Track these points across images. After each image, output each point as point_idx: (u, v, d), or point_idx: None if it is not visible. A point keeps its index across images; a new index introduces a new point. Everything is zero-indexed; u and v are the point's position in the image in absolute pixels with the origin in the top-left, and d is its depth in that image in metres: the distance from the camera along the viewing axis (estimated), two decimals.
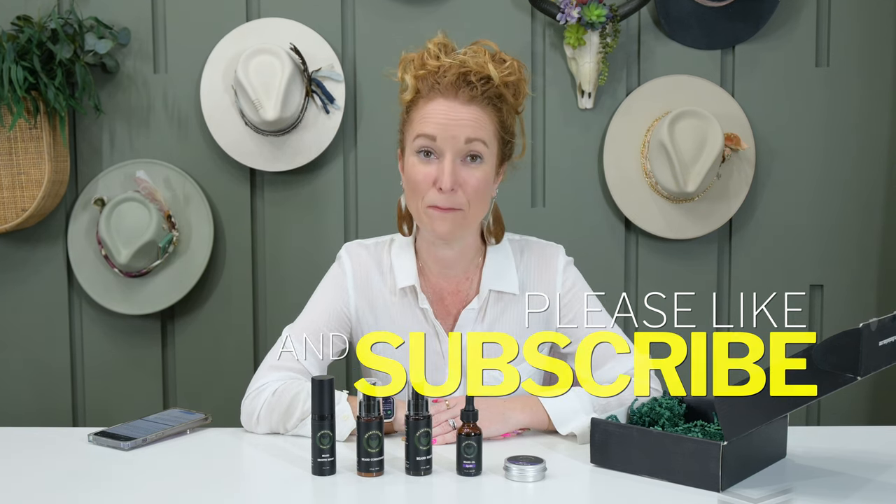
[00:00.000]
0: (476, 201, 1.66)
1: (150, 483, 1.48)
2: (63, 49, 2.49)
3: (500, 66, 1.65)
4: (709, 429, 1.53)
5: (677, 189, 2.56)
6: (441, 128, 1.62)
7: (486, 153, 1.65)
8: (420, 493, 1.43)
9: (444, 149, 1.63)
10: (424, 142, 1.64)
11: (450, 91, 1.63)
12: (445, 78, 1.62)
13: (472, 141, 1.63)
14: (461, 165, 1.64)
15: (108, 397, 2.76)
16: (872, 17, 2.66)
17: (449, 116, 1.62)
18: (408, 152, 1.68)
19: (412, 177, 1.66)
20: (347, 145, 2.70)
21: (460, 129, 1.62)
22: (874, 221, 2.72)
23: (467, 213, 1.66)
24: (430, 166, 1.64)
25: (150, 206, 2.59)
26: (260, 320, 2.75)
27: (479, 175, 1.65)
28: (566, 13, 2.54)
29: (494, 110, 1.65)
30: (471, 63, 1.63)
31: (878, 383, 2.75)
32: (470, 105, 1.63)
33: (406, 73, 1.67)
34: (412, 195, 1.68)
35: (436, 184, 1.63)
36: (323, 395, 1.47)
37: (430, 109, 1.64)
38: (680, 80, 2.66)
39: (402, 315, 1.76)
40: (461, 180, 1.63)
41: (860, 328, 1.27)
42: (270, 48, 2.54)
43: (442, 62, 1.63)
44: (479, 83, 1.62)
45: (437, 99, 1.64)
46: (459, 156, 1.64)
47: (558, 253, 1.81)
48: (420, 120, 1.65)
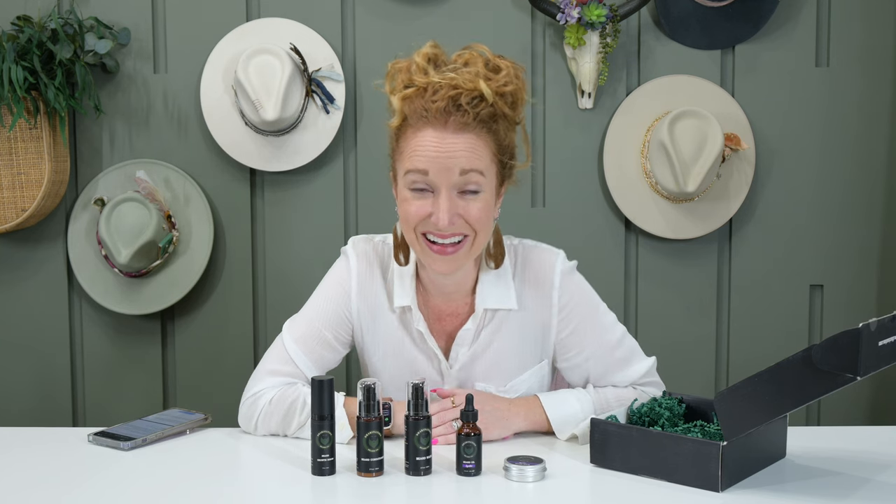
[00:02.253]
0: (480, 229, 1.57)
1: (150, 483, 1.48)
2: (63, 49, 2.49)
3: (495, 78, 1.53)
4: (709, 429, 1.53)
5: (677, 189, 2.55)
6: (433, 162, 1.51)
7: (483, 182, 1.55)
8: (420, 493, 1.43)
9: (438, 183, 1.53)
10: (416, 177, 1.53)
11: (439, 120, 1.51)
12: (434, 104, 1.50)
13: (468, 172, 1.52)
14: (458, 198, 1.54)
15: (108, 397, 2.76)
16: (872, 17, 2.66)
17: (440, 149, 1.51)
18: (400, 185, 1.59)
19: (406, 211, 1.57)
20: (347, 145, 2.70)
21: (454, 161, 1.51)
22: (874, 221, 2.72)
23: (473, 240, 1.58)
24: (425, 201, 1.55)
25: (150, 206, 2.59)
26: (260, 320, 2.75)
27: (479, 206, 1.55)
28: (566, 13, 2.54)
29: (489, 133, 1.54)
30: (460, 82, 1.50)
31: (878, 383, 2.75)
32: (462, 133, 1.51)
33: (393, 92, 1.57)
34: (407, 228, 1.59)
35: (432, 219, 1.54)
36: (323, 396, 1.47)
37: (419, 142, 1.53)
38: (680, 80, 2.66)
39: (399, 329, 1.73)
40: (460, 212, 1.54)
41: (860, 328, 1.27)
42: (270, 48, 2.54)
43: (430, 80, 1.52)
44: (470, 106, 1.50)
45: (425, 129, 1.52)
46: (455, 189, 1.54)
47: (556, 262, 1.71)
48: (410, 153, 1.54)
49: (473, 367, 1.71)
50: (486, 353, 1.71)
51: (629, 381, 1.75)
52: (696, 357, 2.75)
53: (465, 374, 1.71)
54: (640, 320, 2.75)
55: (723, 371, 2.77)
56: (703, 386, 2.73)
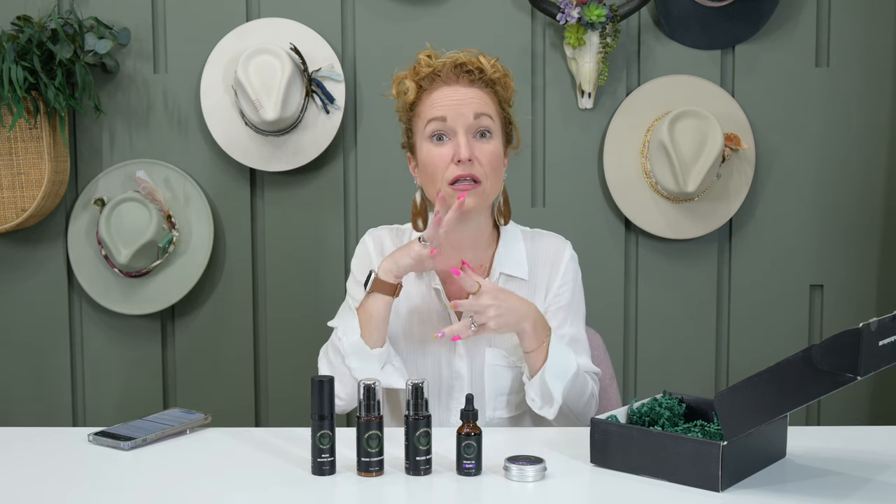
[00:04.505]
0: (492, 174, 1.74)
1: (150, 483, 1.48)
2: (63, 49, 2.49)
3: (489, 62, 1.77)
4: (709, 429, 1.53)
5: (677, 189, 2.55)
6: (449, 108, 1.72)
7: (493, 127, 1.75)
8: (420, 493, 1.43)
9: (455, 127, 1.72)
10: (436, 125, 1.73)
11: (451, 77, 1.74)
12: (444, 67, 1.75)
13: (481, 115, 1.73)
14: (474, 141, 1.73)
15: (108, 397, 2.76)
16: (872, 17, 2.66)
17: (455, 98, 1.73)
18: (420, 142, 1.77)
19: (429, 161, 1.74)
20: (347, 145, 2.70)
21: (468, 107, 1.72)
22: (874, 221, 2.72)
23: (485, 186, 1.73)
24: (445, 147, 1.73)
25: (150, 206, 2.59)
26: (260, 320, 2.75)
27: (492, 149, 1.74)
28: (566, 13, 2.54)
29: (493, 92, 1.77)
30: (463, 57, 1.76)
31: (878, 383, 2.75)
32: (472, 87, 1.74)
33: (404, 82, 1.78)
34: (431, 180, 1.75)
35: (453, 159, 1.71)
36: (323, 395, 1.47)
37: (436, 96, 1.75)
38: (680, 80, 2.66)
39: (416, 290, 1.82)
40: (476, 153, 1.72)
41: (860, 328, 1.27)
42: (270, 48, 2.54)
43: (436, 63, 1.76)
44: (476, 71, 1.75)
45: (440, 87, 1.75)
46: (471, 131, 1.73)
47: (566, 246, 1.87)
48: (429, 107, 1.74)
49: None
50: None
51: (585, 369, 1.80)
52: (696, 357, 2.75)
53: (475, 338, 1.78)
54: (640, 320, 2.75)
55: (723, 371, 2.77)
56: (703, 386, 2.73)
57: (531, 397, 1.73)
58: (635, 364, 2.76)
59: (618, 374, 2.70)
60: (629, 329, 2.76)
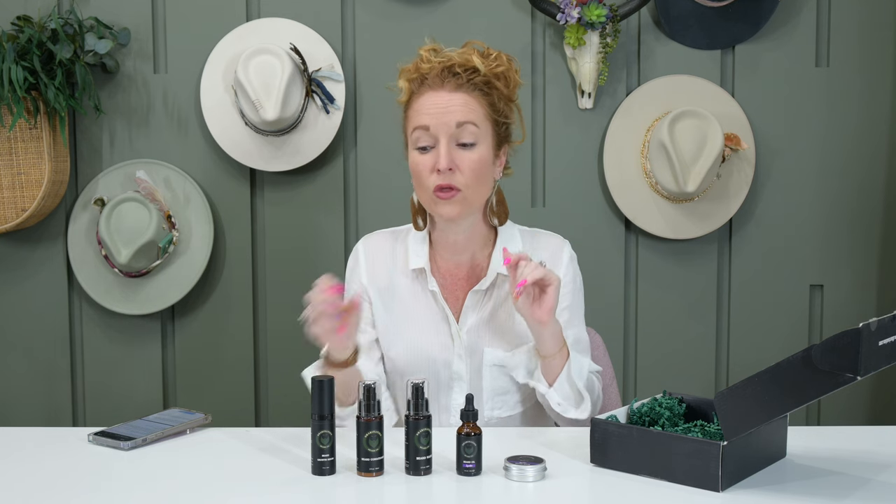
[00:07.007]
0: (474, 182, 1.72)
1: (150, 483, 1.48)
2: (63, 49, 2.49)
3: (487, 59, 1.74)
4: (709, 429, 1.53)
5: (677, 189, 2.55)
6: (432, 116, 1.71)
7: (478, 134, 1.72)
8: (420, 493, 1.43)
9: (437, 135, 1.71)
10: (419, 133, 1.73)
11: (436, 83, 1.73)
12: (432, 73, 1.73)
13: (463, 124, 1.71)
14: (456, 150, 1.72)
15: (108, 397, 2.76)
16: (872, 17, 2.66)
17: (438, 105, 1.72)
18: (409, 148, 1.77)
19: (414, 168, 1.75)
20: (347, 145, 2.70)
21: (450, 115, 1.71)
22: (874, 221, 2.72)
23: (466, 194, 1.72)
24: (428, 156, 1.72)
25: (150, 206, 2.59)
26: (260, 320, 2.75)
27: (475, 157, 1.72)
28: (566, 13, 2.54)
29: (482, 95, 1.73)
30: (456, 58, 1.73)
31: (878, 383, 2.75)
32: (457, 92, 1.72)
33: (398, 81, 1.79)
34: (418, 186, 1.76)
35: (434, 168, 1.71)
36: (323, 395, 1.47)
37: (421, 103, 1.74)
38: (680, 80, 2.66)
39: (412, 296, 1.81)
40: (457, 162, 1.71)
41: (860, 328, 1.27)
42: (270, 48, 2.54)
43: (424, 67, 1.74)
44: (465, 73, 1.72)
45: (427, 92, 1.74)
46: (453, 140, 1.71)
47: (565, 246, 1.87)
48: (415, 115, 1.74)
49: (481, 332, 1.79)
50: (493, 320, 1.79)
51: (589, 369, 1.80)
52: (696, 357, 2.75)
53: (473, 339, 1.78)
54: (640, 320, 2.75)
55: (723, 371, 2.77)
56: (703, 386, 2.73)
57: (557, 402, 1.71)
58: (635, 364, 2.76)
59: (618, 374, 2.70)
60: (629, 329, 2.76)
